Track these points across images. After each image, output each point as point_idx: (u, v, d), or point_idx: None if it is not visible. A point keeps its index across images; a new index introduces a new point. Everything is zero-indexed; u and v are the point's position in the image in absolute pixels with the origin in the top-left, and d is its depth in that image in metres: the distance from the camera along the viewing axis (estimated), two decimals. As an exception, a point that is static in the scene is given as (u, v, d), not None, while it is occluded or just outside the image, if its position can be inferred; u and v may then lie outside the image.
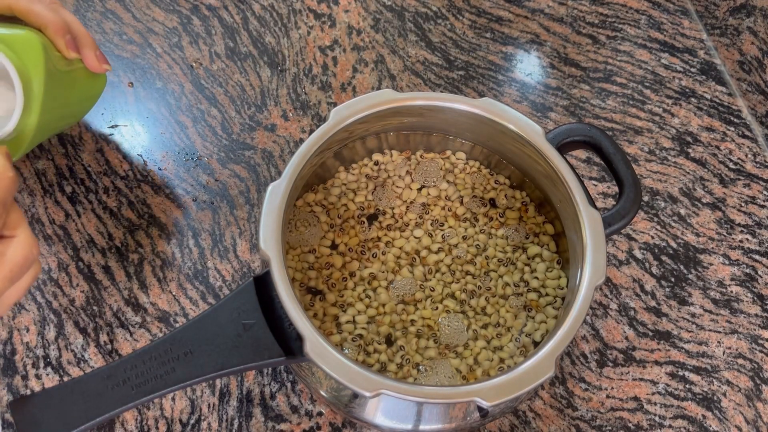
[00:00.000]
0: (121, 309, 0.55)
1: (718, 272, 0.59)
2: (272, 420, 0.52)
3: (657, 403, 0.54)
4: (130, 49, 0.66)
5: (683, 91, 0.68)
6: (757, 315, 0.58)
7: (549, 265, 0.51)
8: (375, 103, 0.48)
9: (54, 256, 0.57)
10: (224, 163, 0.61)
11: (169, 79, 0.65)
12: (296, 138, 0.63)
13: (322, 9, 0.70)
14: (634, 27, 0.71)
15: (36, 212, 0.58)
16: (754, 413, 0.54)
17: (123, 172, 0.60)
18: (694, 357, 0.56)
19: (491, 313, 0.49)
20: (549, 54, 0.69)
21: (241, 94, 0.65)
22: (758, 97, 0.66)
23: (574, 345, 0.56)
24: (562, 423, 0.53)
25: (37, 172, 0.60)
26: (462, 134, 0.53)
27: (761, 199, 0.63)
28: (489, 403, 0.39)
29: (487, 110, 0.49)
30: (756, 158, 0.65)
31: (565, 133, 0.50)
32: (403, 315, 0.49)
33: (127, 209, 0.59)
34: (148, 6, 0.69)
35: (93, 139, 0.62)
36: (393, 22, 0.70)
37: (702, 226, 0.61)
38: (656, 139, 0.65)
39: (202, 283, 0.56)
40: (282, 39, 0.68)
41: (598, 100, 0.67)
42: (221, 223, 0.59)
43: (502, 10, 0.71)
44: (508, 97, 0.67)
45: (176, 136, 0.62)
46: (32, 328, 0.54)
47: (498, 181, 0.54)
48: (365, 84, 0.66)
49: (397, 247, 0.51)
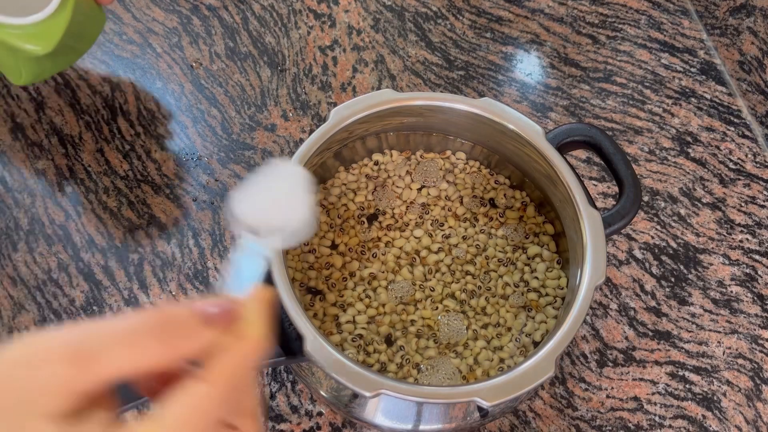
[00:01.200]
0: (121, 309, 0.55)
1: (718, 272, 0.59)
2: (272, 420, 0.52)
3: (657, 403, 0.54)
4: (130, 49, 0.66)
5: (683, 91, 0.68)
6: (757, 315, 0.58)
7: (549, 265, 0.51)
8: (375, 103, 0.48)
9: (54, 256, 0.57)
10: (224, 163, 0.61)
11: (169, 79, 0.65)
12: (296, 138, 0.63)
13: (322, 9, 0.70)
14: (634, 27, 0.71)
15: (36, 212, 0.58)
16: (754, 413, 0.54)
17: (123, 172, 0.60)
18: (694, 357, 0.56)
19: (491, 313, 0.49)
20: (549, 54, 0.69)
21: (241, 94, 0.65)
22: (758, 97, 0.66)
23: (574, 345, 0.56)
24: (562, 423, 0.53)
25: (37, 172, 0.60)
26: (462, 134, 0.53)
27: (761, 199, 0.63)
28: (489, 403, 0.39)
29: (487, 110, 0.49)
30: (756, 158, 0.65)
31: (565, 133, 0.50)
32: (403, 315, 0.49)
33: (127, 209, 0.59)
34: (148, 6, 0.69)
35: (93, 139, 0.62)
36: (393, 22, 0.70)
37: (702, 226, 0.61)
38: (656, 139, 0.65)
39: (202, 283, 0.56)
40: (282, 39, 0.68)
41: (598, 100, 0.67)
42: (221, 223, 0.59)
43: (502, 10, 0.71)
44: (508, 97, 0.67)
45: (176, 136, 0.62)
46: (32, 328, 0.54)
47: (498, 181, 0.54)
48: (365, 84, 0.66)
49: (397, 247, 0.51)
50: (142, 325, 0.23)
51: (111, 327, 0.23)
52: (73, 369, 0.22)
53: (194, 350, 0.24)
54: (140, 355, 0.23)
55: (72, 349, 0.22)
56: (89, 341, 0.22)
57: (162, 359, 0.23)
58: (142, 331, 0.23)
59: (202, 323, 0.24)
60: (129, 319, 0.23)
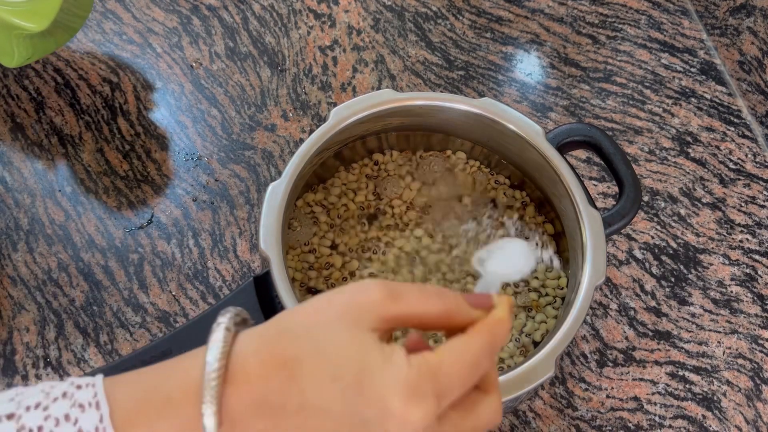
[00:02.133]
0: (121, 309, 0.55)
1: (718, 272, 0.59)
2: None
3: (657, 403, 0.54)
4: (130, 49, 0.66)
5: (683, 91, 0.68)
6: (757, 315, 0.58)
7: (549, 265, 0.51)
8: (375, 103, 0.48)
9: (54, 256, 0.57)
10: (224, 163, 0.61)
11: (169, 79, 0.65)
12: (296, 138, 0.63)
13: (322, 9, 0.70)
14: (634, 27, 0.71)
15: (36, 212, 0.58)
16: (754, 413, 0.54)
17: (123, 172, 0.60)
18: (694, 357, 0.56)
19: (491, 313, 0.49)
20: (549, 54, 0.69)
21: (241, 94, 0.65)
22: (758, 97, 0.66)
23: (574, 345, 0.56)
24: (562, 423, 0.53)
25: (37, 172, 0.60)
26: (462, 134, 0.53)
27: (761, 199, 0.63)
28: (489, 403, 0.39)
29: (487, 110, 0.49)
30: (756, 158, 0.65)
31: (565, 133, 0.50)
32: None
33: (127, 209, 0.59)
34: (148, 6, 0.69)
35: (93, 139, 0.62)
36: (393, 22, 0.70)
37: (702, 226, 0.61)
38: (656, 139, 0.65)
39: (202, 283, 0.56)
40: (282, 39, 0.68)
41: (598, 100, 0.67)
42: (221, 223, 0.59)
43: (502, 10, 0.71)
44: (508, 97, 0.67)
45: (176, 136, 0.62)
46: (32, 328, 0.54)
47: (498, 181, 0.54)
48: (365, 84, 0.66)
49: (397, 247, 0.51)
50: (431, 290, 0.31)
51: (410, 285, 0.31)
52: (388, 299, 0.30)
53: (460, 319, 0.31)
54: (429, 305, 0.31)
55: (388, 287, 0.30)
56: (398, 286, 0.31)
57: (441, 316, 0.31)
58: (431, 292, 0.31)
59: (470, 304, 0.32)
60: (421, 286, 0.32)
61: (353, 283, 0.31)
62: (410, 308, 0.30)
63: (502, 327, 0.31)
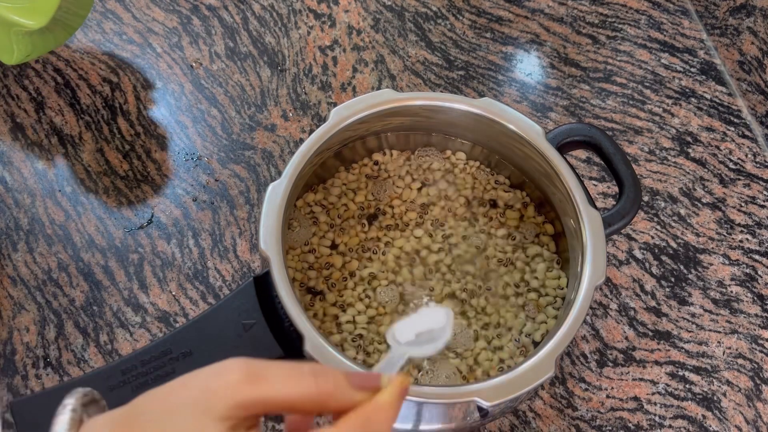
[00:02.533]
0: (121, 309, 0.55)
1: (718, 272, 0.59)
2: (272, 419, 0.52)
3: (657, 403, 0.54)
4: (130, 49, 0.66)
5: (683, 91, 0.68)
6: (757, 315, 0.58)
7: (549, 265, 0.51)
8: (375, 103, 0.48)
9: (54, 256, 0.57)
10: (224, 163, 0.61)
11: (169, 79, 0.65)
12: (296, 138, 0.63)
13: (322, 9, 0.70)
14: (634, 27, 0.71)
15: (36, 212, 0.58)
16: (754, 413, 0.54)
17: (123, 172, 0.60)
18: (694, 357, 0.56)
19: (491, 313, 0.49)
20: (549, 54, 0.69)
21: (241, 94, 0.65)
22: (758, 97, 0.66)
23: (574, 345, 0.56)
24: (562, 423, 0.53)
25: (37, 172, 0.60)
26: (462, 134, 0.53)
27: (761, 199, 0.63)
28: (489, 403, 0.39)
29: (487, 110, 0.49)
30: (756, 158, 0.65)
31: (565, 133, 0.50)
32: (403, 315, 0.49)
33: (127, 209, 0.59)
34: (148, 6, 0.69)
35: (93, 139, 0.62)
36: (393, 22, 0.70)
37: (702, 226, 0.61)
38: (656, 139, 0.65)
39: (202, 283, 0.56)
40: (282, 39, 0.68)
41: (598, 100, 0.67)
42: (221, 223, 0.59)
43: (502, 10, 0.71)
44: (508, 97, 0.67)
45: (176, 136, 0.62)
46: (32, 328, 0.54)
47: (498, 181, 0.54)
48: (365, 84, 0.66)
49: (397, 247, 0.51)
50: (305, 368, 0.28)
51: (279, 363, 0.28)
52: (244, 383, 0.27)
53: (339, 403, 0.28)
54: (299, 387, 0.27)
55: (250, 368, 0.27)
56: (261, 366, 0.27)
57: (314, 400, 0.27)
58: (303, 371, 0.28)
59: (351, 385, 0.28)
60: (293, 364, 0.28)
61: (214, 365, 0.28)
62: (274, 392, 0.27)
63: (382, 415, 0.28)
